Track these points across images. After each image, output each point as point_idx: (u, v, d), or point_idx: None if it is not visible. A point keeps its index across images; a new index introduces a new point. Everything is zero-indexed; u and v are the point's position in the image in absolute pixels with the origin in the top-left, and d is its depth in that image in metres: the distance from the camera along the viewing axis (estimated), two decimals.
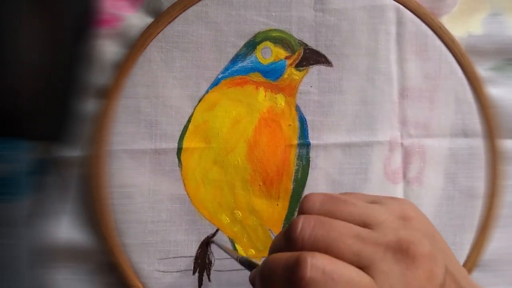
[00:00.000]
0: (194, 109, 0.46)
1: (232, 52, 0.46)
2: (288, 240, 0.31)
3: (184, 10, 0.45)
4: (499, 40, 0.48)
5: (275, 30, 0.46)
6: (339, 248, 0.29)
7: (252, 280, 0.34)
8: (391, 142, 0.47)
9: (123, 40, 0.46)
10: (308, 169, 0.46)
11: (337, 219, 0.31)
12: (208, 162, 0.46)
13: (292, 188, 0.46)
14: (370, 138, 0.46)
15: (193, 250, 0.46)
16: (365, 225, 0.31)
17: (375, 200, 0.34)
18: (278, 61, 0.46)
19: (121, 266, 0.45)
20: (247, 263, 0.38)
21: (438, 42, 0.47)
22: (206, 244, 0.46)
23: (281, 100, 0.46)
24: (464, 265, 0.47)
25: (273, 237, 0.46)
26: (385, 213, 0.31)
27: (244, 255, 0.43)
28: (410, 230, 0.30)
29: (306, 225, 0.30)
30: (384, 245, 0.29)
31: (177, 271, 0.45)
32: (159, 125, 0.45)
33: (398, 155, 0.47)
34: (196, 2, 0.45)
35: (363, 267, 0.29)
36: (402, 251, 0.29)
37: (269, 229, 0.46)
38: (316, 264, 0.28)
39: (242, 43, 0.46)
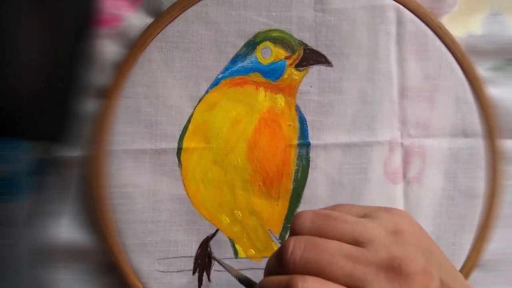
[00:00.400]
0: (194, 109, 0.46)
1: (232, 52, 0.46)
2: (280, 262, 0.31)
3: (184, 10, 0.45)
4: (499, 40, 0.48)
5: (275, 30, 0.46)
6: (331, 270, 0.29)
7: None
8: (391, 142, 0.47)
9: (123, 40, 0.46)
10: (308, 169, 0.46)
11: (328, 238, 0.31)
12: (208, 162, 0.46)
13: (292, 188, 0.46)
14: (370, 138, 0.46)
15: (193, 250, 0.46)
16: (356, 242, 0.30)
17: (367, 213, 0.33)
18: (278, 61, 0.46)
19: (121, 266, 0.45)
20: (246, 282, 0.38)
21: (438, 42, 0.47)
22: (206, 245, 0.46)
23: (281, 100, 0.46)
24: (464, 265, 0.47)
25: (273, 238, 0.46)
26: (376, 229, 0.31)
27: (246, 256, 0.43)
28: (403, 246, 0.30)
29: (296, 247, 0.30)
30: (376, 264, 0.29)
31: (177, 271, 0.45)
32: (159, 125, 0.45)
33: (398, 155, 0.47)
34: (196, 2, 0.45)
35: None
36: (394, 270, 0.29)
37: (269, 229, 0.46)
38: None
39: (242, 43, 0.46)
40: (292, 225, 0.32)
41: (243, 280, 0.39)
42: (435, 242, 0.33)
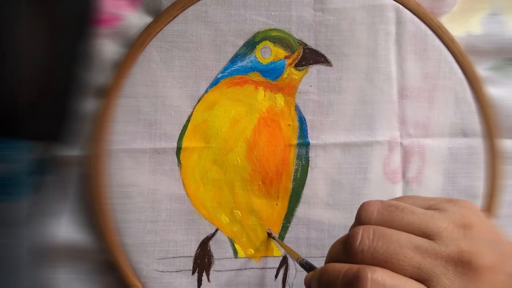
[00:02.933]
0: (194, 109, 0.46)
1: (231, 51, 0.46)
2: (347, 250, 0.30)
3: (184, 10, 0.45)
4: (498, 40, 0.48)
5: (274, 29, 0.46)
6: (399, 260, 0.29)
7: (307, 284, 0.34)
8: (391, 141, 0.47)
9: (122, 40, 0.46)
10: (307, 169, 0.46)
11: (396, 229, 0.30)
12: (207, 161, 0.46)
13: (291, 187, 0.46)
14: (369, 138, 0.46)
15: (192, 250, 0.46)
16: (424, 234, 0.30)
17: (432, 205, 0.33)
18: (278, 61, 0.46)
19: (120, 265, 0.45)
20: (307, 266, 0.38)
21: (437, 42, 0.47)
22: (205, 245, 0.46)
23: (280, 99, 0.46)
24: None
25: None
26: (444, 221, 0.31)
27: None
28: (471, 240, 0.30)
29: (365, 237, 0.30)
30: (445, 258, 0.29)
31: (176, 271, 0.45)
32: (159, 125, 0.45)
33: (398, 155, 0.47)
34: (196, 2, 0.45)
35: (423, 280, 0.29)
36: (463, 264, 0.29)
37: (269, 229, 0.46)
38: (377, 279, 0.28)
39: (241, 42, 0.46)
40: (358, 214, 0.32)
41: (304, 264, 0.38)
42: (501, 232, 0.33)
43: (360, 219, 0.32)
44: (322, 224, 0.46)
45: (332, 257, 0.32)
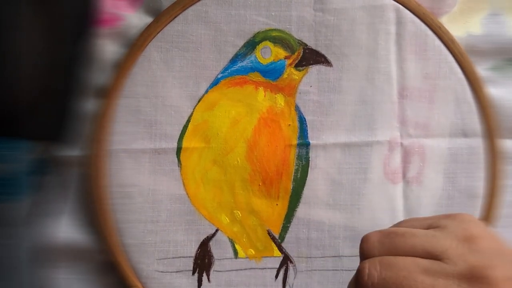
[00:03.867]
0: (194, 109, 0.46)
1: (231, 51, 0.46)
2: (359, 287, 0.30)
3: (184, 10, 0.45)
4: (498, 40, 0.48)
5: (274, 29, 0.46)
6: (411, 286, 0.29)
7: None
8: (391, 142, 0.47)
9: (122, 40, 0.46)
10: (307, 169, 0.46)
11: (401, 255, 0.30)
12: (207, 162, 0.46)
13: (291, 188, 0.46)
14: (369, 138, 0.46)
15: (192, 250, 0.46)
16: (430, 256, 0.30)
17: (431, 224, 0.33)
18: (278, 61, 0.46)
19: (120, 266, 0.45)
20: None
21: (437, 42, 0.47)
22: (205, 245, 0.46)
23: (280, 100, 0.46)
24: None
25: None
26: (447, 239, 0.30)
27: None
28: (478, 253, 0.30)
29: (372, 270, 0.30)
30: (457, 276, 0.28)
31: (176, 271, 0.45)
32: (159, 125, 0.45)
33: (398, 155, 0.47)
34: (196, 2, 0.45)
35: None
36: (477, 279, 0.28)
37: (269, 229, 0.46)
38: None
39: (241, 42, 0.46)
40: (361, 249, 0.32)
41: None
42: (502, 240, 0.32)
43: (363, 253, 0.32)
44: (323, 224, 0.46)
45: None
